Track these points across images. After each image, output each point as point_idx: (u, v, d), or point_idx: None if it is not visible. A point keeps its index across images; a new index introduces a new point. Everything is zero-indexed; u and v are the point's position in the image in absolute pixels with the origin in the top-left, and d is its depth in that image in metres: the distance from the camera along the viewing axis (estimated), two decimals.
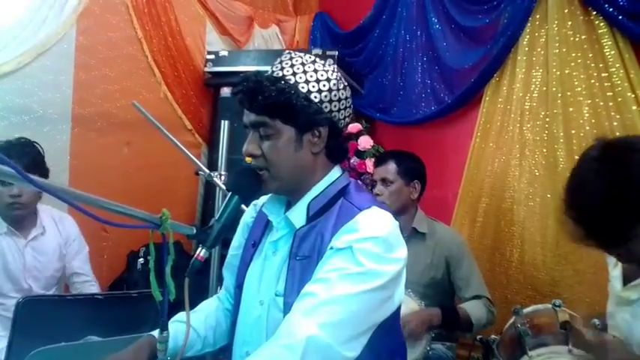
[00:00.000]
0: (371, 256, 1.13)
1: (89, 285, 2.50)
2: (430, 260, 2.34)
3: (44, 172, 2.27)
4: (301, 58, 1.25)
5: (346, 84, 1.29)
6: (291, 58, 1.25)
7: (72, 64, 3.06)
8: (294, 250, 1.24)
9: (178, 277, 1.10)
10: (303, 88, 1.21)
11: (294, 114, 1.20)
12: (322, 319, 1.08)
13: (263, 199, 1.42)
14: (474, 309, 2.25)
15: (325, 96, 1.22)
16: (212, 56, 3.67)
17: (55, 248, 2.40)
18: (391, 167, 2.40)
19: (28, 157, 2.19)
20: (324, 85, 1.22)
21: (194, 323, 1.40)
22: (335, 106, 1.24)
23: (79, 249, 2.49)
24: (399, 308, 1.26)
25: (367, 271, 1.12)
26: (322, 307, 1.09)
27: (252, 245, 1.39)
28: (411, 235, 2.37)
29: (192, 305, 1.46)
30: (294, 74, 1.22)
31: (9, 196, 2.19)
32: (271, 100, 1.19)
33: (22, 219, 2.31)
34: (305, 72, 1.22)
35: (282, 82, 1.20)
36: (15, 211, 2.24)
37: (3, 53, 2.72)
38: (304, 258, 1.22)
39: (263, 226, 1.39)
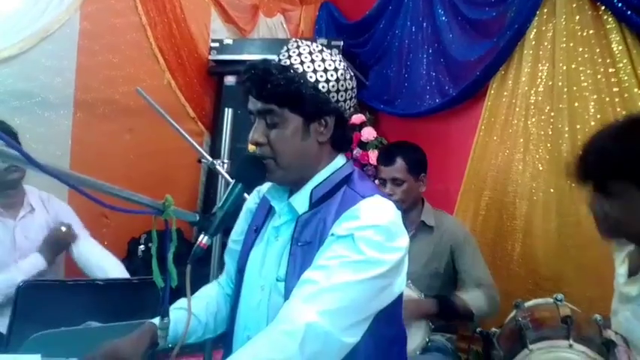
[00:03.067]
0: (372, 244, 1.13)
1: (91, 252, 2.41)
2: (437, 251, 2.35)
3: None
4: (309, 46, 1.25)
5: (352, 74, 1.29)
6: (298, 47, 1.24)
7: (75, 49, 3.04)
8: (296, 235, 1.25)
9: (179, 265, 1.10)
10: (311, 77, 1.20)
11: (302, 103, 1.20)
12: (322, 307, 1.08)
13: (266, 185, 1.41)
14: (473, 297, 2.24)
15: (333, 86, 1.22)
16: (216, 44, 3.65)
17: (43, 226, 2.37)
18: (400, 165, 2.35)
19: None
20: (331, 75, 1.22)
21: (195, 309, 1.40)
22: (342, 96, 1.24)
23: (70, 220, 2.42)
24: (400, 297, 1.26)
25: (368, 260, 1.12)
26: (322, 294, 1.09)
27: (255, 230, 1.39)
28: (419, 228, 2.37)
29: (193, 292, 1.46)
30: (301, 63, 1.21)
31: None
32: (280, 89, 1.18)
33: (16, 185, 2.29)
34: (313, 61, 1.22)
35: (291, 70, 1.19)
36: (12, 174, 2.22)
37: (6, 37, 2.71)
38: (306, 244, 1.23)
39: (266, 211, 1.40)
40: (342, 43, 3.44)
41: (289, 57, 1.22)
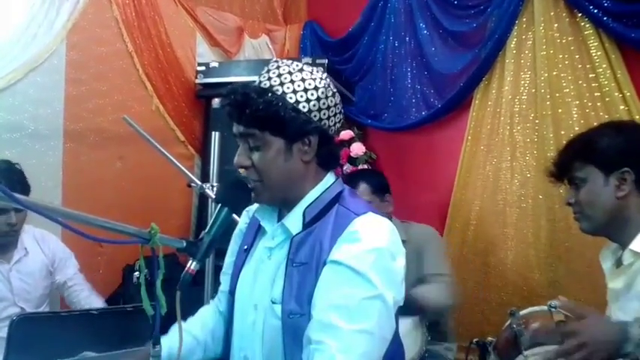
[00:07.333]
0: (378, 270, 1.15)
1: (80, 291, 2.49)
2: (411, 261, 2.37)
3: (27, 192, 2.22)
4: (288, 66, 1.25)
5: (335, 90, 1.29)
6: (278, 67, 1.25)
7: (63, 79, 3.06)
8: (291, 256, 1.24)
9: (173, 290, 1.10)
10: (291, 98, 1.20)
11: (282, 126, 1.20)
12: (354, 355, 1.10)
13: (255, 204, 1.42)
14: (428, 290, 2.26)
15: (314, 105, 1.22)
16: (203, 68, 3.67)
17: (41, 267, 2.40)
18: (364, 188, 2.38)
19: (12, 178, 2.16)
20: (312, 94, 1.22)
21: (193, 330, 1.42)
22: (324, 114, 1.24)
23: (65, 260, 2.49)
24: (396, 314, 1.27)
25: (379, 293, 1.14)
26: (350, 339, 1.11)
27: (245, 250, 1.39)
28: None
29: (186, 316, 1.47)
30: (281, 84, 1.21)
31: (6, 224, 2.19)
32: (259, 113, 1.19)
33: (7, 244, 2.31)
34: (292, 81, 1.22)
35: (270, 93, 1.20)
36: (9, 237, 2.26)
37: None
38: (301, 264, 1.22)
39: (255, 230, 1.40)
40: (326, 60, 3.47)
41: (269, 79, 1.23)
